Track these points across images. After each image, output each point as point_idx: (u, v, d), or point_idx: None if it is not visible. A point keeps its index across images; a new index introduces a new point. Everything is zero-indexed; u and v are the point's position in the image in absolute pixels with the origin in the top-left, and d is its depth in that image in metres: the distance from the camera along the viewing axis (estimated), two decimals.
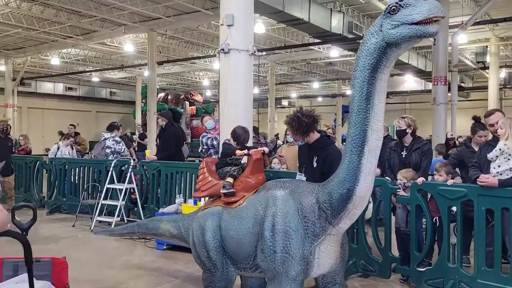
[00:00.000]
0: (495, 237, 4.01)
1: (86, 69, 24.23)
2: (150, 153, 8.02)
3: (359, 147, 2.70)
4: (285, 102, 34.94)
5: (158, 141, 8.32)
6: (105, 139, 8.32)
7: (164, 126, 7.64)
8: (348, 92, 29.28)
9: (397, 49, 2.57)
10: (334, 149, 3.92)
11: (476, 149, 4.84)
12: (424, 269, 4.42)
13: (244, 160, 3.83)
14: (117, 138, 8.24)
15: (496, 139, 4.30)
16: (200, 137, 7.74)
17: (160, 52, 19.41)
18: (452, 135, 11.72)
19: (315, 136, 3.84)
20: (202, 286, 3.65)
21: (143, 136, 14.95)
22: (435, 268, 4.37)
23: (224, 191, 3.48)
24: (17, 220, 2.22)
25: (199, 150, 7.94)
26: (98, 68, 23.56)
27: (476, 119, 5.53)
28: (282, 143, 23.93)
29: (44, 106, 27.87)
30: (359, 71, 2.65)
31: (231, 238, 3.31)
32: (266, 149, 3.95)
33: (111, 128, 8.48)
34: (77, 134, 12.81)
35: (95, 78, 27.62)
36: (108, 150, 8.10)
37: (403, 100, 31.93)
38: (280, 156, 6.92)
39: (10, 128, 9.33)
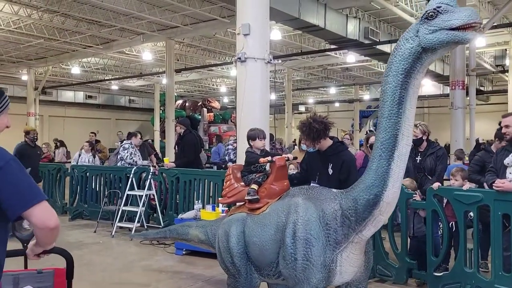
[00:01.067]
0: (511, 241, 4.00)
1: (105, 78, 24.74)
2: (169, 160, 8.17)
3: (389, 152, 2.70)
4: (302, 108, 34.92)
5: (176, 148, 8.47)
6: (121, 145, 8.61)
7: (182, 133, 7.76)
8: (366, 97, 29.16)
9: (432, 54, 2.57)
10: (348, 155, 3.92)
11: None
12: (441, 274, 4.42)
13: (268, 167, 3.82)
14: (126, 145, 8.49)
15: (511, 144, 4.29)
16: (225, 145, 7.93)
17: (178, 60, 19.71)
18: (483, 139, 11.37)
19: (327, 143, 3.83)
20: None
21: None
22: (452, 273, 4.38)
23: (249, 197, 3.50)
24: (18, 233, 2.27)
25: (219, 159, 8.05)
26: (117, 77, 24.04)
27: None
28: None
29: (65, 114, 28.53)
30: (392, 76, 2.65)
31: (254, 245, 3.33)
32: (290, 156, 3.95)
33: (128, 136, 8.87)
34: (97, 141, 13.06)
35: (114, 86, 28.14)
36: (118, 156, 8.39)
37: (422, 104, 31.52)
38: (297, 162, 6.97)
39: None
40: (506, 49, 17.78)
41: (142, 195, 7.47)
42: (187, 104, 25.32)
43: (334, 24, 12.17)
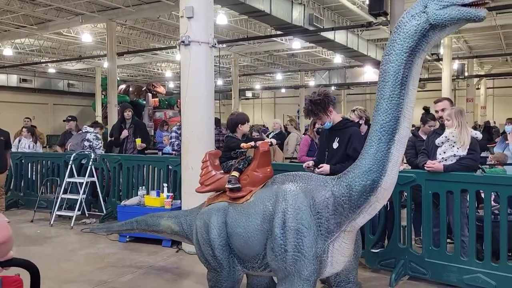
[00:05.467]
0: (440, 218, 4.30)
1: (41, 60, 23.40)
2: (140, 141, 7.94)
3: (389, 135, 2.57)
4: (249, 94, 35.06)
5: (128, 133, 8.06)
6: (87, 132, 8.20)
7: (132, 118, 8.00)
8: (311, 83, 29.73)
9: (439, 32, 2.45)
10: (355, 130, 3.94)
11: (424, 137, 5.10)
12: (378, 250, 4.67)
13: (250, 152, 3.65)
14: (99, 136, 8.28)
15: (442, 128, 4.57)
16: (171, 132, 8.04)
17: (120, 43, 19.03)
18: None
19: (337, 117, 3.87)
20: (208, 286, 3.47)
21: None
22: (387, 250, 4.63)
23: (230, 186, 3.28)
24: None
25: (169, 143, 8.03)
26: (54, 59, 22.82)
27: (426, 109, 5.77)
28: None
29: None
30: (395, 54, 2.51)
31: (238, 236, 3.13)
32: (273, 141, 3.86)
33: (94, 125, 8.65)
34: (33, 127, 12.35)
35: (51, 70, 26.73)
36: (86, 143, 7.99)
37: (364, 91, 32.73)
38: None
39: None
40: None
41: (83, 182, 7.22)
42: (130, 89, 24.60)
43: (280, 10, 12.26)
